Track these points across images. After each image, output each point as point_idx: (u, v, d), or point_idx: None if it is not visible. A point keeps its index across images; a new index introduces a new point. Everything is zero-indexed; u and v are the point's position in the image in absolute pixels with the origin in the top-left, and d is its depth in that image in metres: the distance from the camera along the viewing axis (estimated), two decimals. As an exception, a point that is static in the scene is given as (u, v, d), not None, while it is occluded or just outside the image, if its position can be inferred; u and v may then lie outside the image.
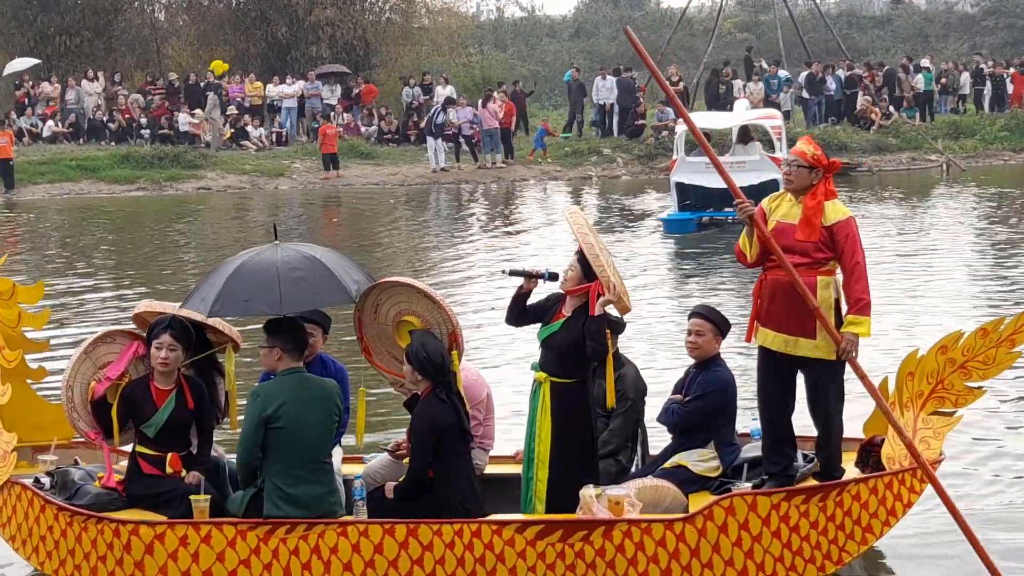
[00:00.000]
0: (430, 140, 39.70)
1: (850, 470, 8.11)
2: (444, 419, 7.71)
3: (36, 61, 43.34)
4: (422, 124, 40.82)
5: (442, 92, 41.39)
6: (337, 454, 8.74)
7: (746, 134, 26.88)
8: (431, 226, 29.19)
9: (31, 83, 42.22)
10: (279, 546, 7.64)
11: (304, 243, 8.20)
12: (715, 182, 25.29)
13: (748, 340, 8.05)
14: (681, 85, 42.12)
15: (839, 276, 7.83)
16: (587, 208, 31.32)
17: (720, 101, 40.15)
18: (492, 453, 8.83)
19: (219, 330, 8.54)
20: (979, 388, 8.06)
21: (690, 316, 8.49)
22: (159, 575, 7.71)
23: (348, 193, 36.83)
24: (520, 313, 8.26)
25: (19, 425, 8.76)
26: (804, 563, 7.64)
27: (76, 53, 46.01)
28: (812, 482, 7.90)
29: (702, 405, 8.27)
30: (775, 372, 7.89)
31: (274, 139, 42.03)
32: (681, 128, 28.07)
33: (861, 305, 7.66)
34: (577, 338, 7.94)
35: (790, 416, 7.98)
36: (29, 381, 8.91)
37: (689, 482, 8.11)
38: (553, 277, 8.12)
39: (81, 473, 8.23)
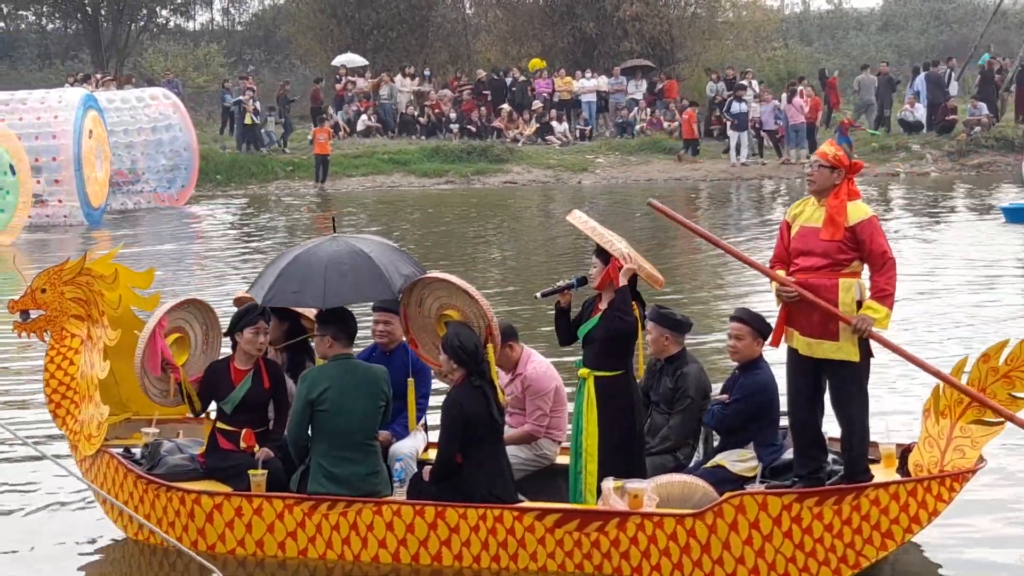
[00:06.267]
0: (731, 134, 39.70)
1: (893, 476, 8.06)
2: (472, 407, 8.03)
3: (365, 62, 45.40)
4: (724, 119, 40.81)
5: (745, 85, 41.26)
6: (420, 439, 9.22)
7: None
8: (729, 223, 28.99)
9: (348, 78, 44.18)
10: (322, 521, 8.17)
11: (361, 237, 8.68)
12: None
13: (775, 345, 8.09)
14: (997, 78, 40.73)
15: (863, 280, 7.81)
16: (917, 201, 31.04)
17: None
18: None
19: (310, 318, 9.15)
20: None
21: (730, 320, 8.59)
22: (218, 542, 8.35)
23: (649, 189, 37.08)
24: (567, 329, 8.59)
25: (135, 400, 9.62)
26: (818, 565, 7.62)
27: (391, 48, 48.00)
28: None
29: (741, 407, 8.38)
30: (802, 374, 7.92)
31: (578, 134, 42.78)
32: None
33: (883, 295, 7.68)
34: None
35: (819, 419, 7.99)
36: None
37: (726, 481, 8.20)
38: (582, 281, 8.45)
39: (170, 446, 8.96)
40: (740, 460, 8.36)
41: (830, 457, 8.19)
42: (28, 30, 63.11)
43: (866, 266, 7.84)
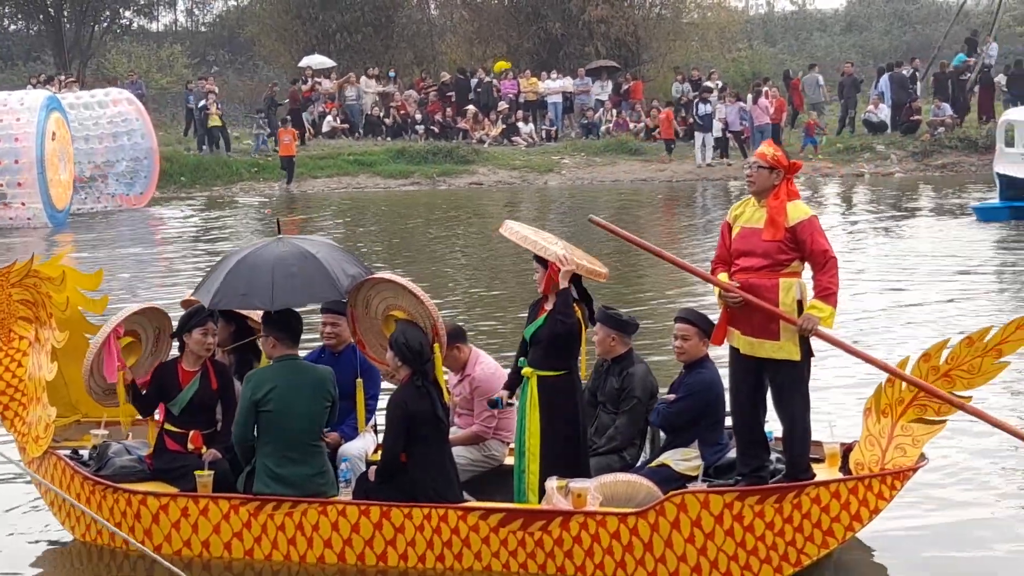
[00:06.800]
0: (697, 134, 39.78)
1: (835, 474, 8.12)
2: (416, 406, 8.04)
3: (332, 63, 45.29)
4: (690, 120, 40.89)
5: (711, 87, 41.39)
6: (369, 440, 9.23)
7: None
8: (696, 223, 29.01)
9: (314, 79, 44.04)
10: (267, 521, 8.18)
11: (305, 238, 8.69)
12: None
13: (718, 344, 8.15)
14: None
15: (803, 280, 7.88)
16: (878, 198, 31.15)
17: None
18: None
19: (257, 320, 9.16)
20: (966, 397, 7.89)
21: (675, 320, 8.65)
22: (165, 543, 8.35)
23: (616, 190, 37.14)
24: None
25: (85, 402, 9.62)
26: (759, 563, 7.67)
27: (356, 49, 47.98)
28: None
29: (684, 406, 8.44)
30: (744, 373, 7.98)
31: (543, 135, 42.84)
32: (1002, 119, 28.31)
33: (826, 294, 7.76)
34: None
35: (761, 418, 8.05)
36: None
37: (670, 480, 8.26)
38: (494, 404, 8.80)
39: (118, 447, 8.95)
40: (684, 459, 8.42)
41: (773, 456, 8.25)
42: (-11, 31, 62.97)
43: (808, 266, 7.92)
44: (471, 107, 42.82)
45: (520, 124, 42.49)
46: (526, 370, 8.43)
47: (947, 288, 17.95)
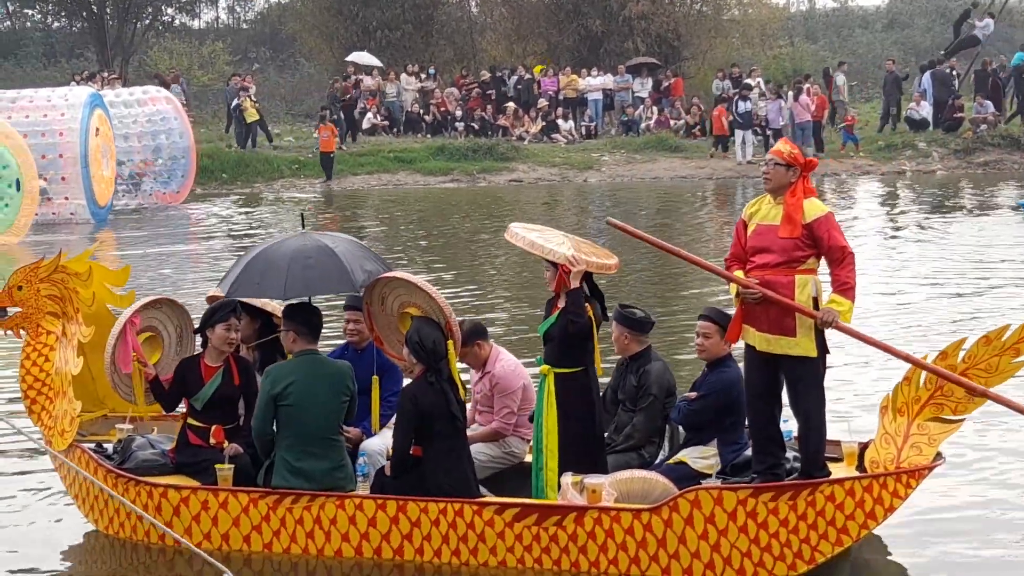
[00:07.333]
0: (737, 132, 39.66)
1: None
2: (426, 402, 8.09)
3: (379, 63, 45.36)
4: (730, 117, 40.77)
5: (751, 84, 41.25)
6: (390, 437, 9.27)
7: None
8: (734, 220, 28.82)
9: (355, 75, 44.14)
10: (286, 515, 8.27)
11: (327, 234, 8.79)
12: None
13: (733, 341, 8.17)
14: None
15: (818, 277, 7.89)
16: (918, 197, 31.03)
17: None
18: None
19: (281, 316, 9.25)
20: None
21: (698, 318, 8.68)
22: (185, 536, 8.43)
23: (655, 187, 37.08)
24: None
25: (111, 397, 9.72)
26: (773, 560, 7.69)
27: (396, 46, 48.08)
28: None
29: (706, 404, 8.48)
30: (759, 370, 7.99)
31: (583, 132, 42.82)
32: None
33: (845, 288, 7.76)
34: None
35: (776, 415, 8.06)
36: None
37: (687, 478, 8.29)
38: None
39: (141, 441, 9.06)
40: (702, 457, 8.45)
41: (790, 454, 8.26)
42: (33, 28, 63.62)
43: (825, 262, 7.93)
44: (511, 104, 42.85)
45: (560, 121, 42.49)
46: (543, 367, 8.49)
47: (993, 286, 17.80)
